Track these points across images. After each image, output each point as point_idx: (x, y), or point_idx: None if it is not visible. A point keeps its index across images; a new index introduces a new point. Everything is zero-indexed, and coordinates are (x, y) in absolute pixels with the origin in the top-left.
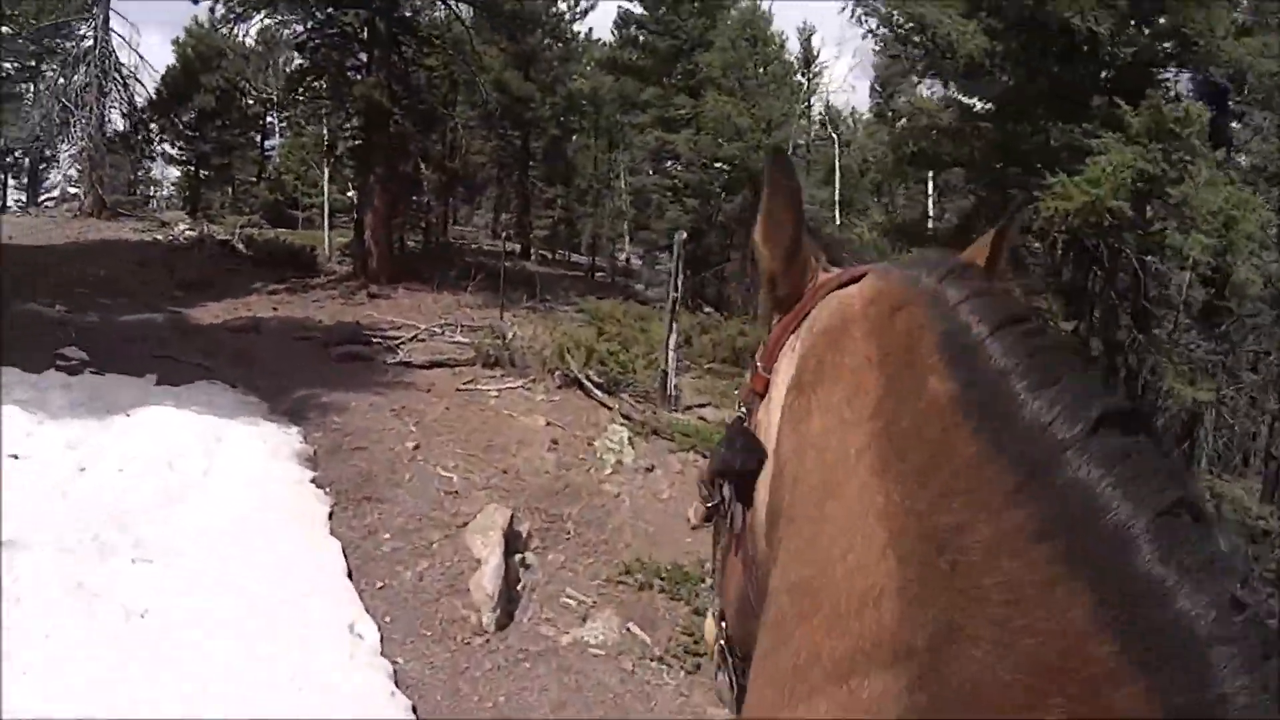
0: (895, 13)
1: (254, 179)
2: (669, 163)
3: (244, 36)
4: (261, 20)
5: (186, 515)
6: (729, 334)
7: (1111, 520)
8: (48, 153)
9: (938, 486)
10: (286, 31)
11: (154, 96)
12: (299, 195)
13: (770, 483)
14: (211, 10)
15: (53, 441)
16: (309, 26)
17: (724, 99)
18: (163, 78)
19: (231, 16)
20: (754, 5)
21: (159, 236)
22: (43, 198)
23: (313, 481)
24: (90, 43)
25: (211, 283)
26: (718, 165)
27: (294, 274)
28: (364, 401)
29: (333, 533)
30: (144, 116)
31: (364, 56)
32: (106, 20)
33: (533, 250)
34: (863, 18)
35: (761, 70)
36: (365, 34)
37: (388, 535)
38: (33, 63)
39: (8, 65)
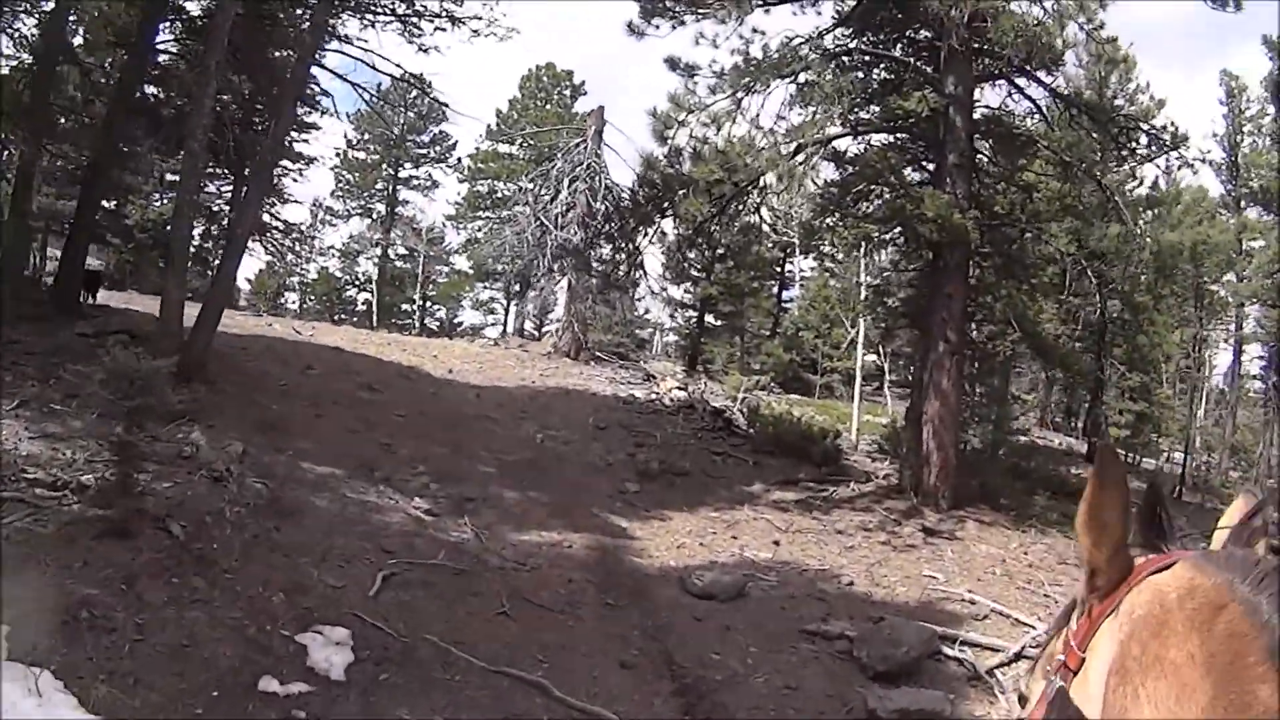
0: None
1: (768, 332)
2: None
3: (752, 118)
4: (777, 88)
5: None
6: None
7: None
8: (531, 278)
9: None
10: (815, 116)
11: (628, 201)
12: (818, 356)
13: None
14: (711, 89)
15: None
16: (853, 123)
17: None
18: (638, 178)
19: (736, 88)
20: None
21: (637, 393)
22: (546, 327)
23: None
24: (576, 160)
25: (688, 474)
26: None
27: (808, 474)
28: None
29: None
30: (622, 227)
31: (929, 165)
32: (600, 132)
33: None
34: None
35: None
36: (941, 131)
37: None
38: (529, 184)
39: (502, 185)
